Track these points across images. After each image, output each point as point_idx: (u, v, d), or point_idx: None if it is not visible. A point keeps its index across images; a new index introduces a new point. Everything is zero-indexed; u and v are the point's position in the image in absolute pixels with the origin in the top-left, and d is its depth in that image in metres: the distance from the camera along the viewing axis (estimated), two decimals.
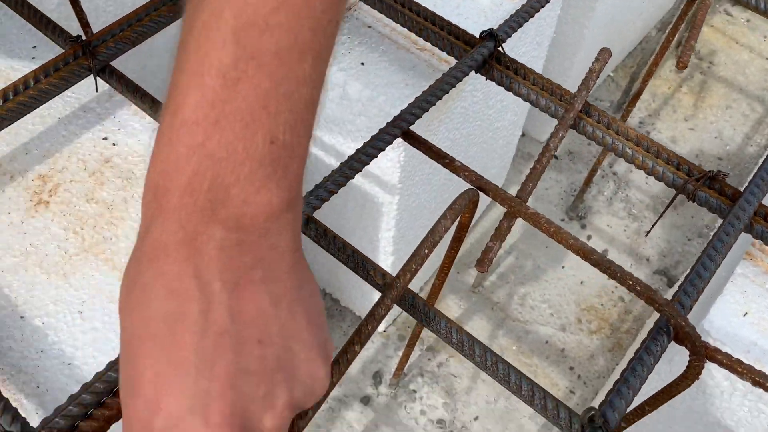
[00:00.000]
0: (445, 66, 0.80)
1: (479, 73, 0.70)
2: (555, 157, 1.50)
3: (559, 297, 1.36)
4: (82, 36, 0.67)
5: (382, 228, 0.96)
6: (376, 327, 0.49)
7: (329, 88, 0.81)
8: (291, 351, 0.33)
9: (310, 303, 0.35)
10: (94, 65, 0.66)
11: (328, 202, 0.58)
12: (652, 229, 1.44)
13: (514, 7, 0.77)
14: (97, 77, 0.67)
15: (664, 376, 0.69)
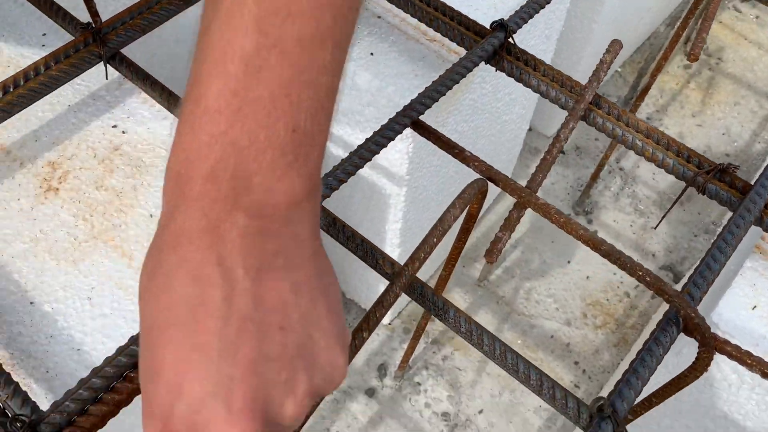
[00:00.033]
0: (454, 57, 0.79)
1: (489, 64, 0.70)
2: (562, 152, 1.50)
3: (565, 292, 1.36)
4: (93, 24, 0.67)
5: (389, 220, 0.96)
6: (384, 314, 0.49)
7: None
8: (311, 338, 0.33)
9: (330, 292, 0.35)
10: (104, 52, 0.66)
11: (336, 191, 0.58)
12: (661, 222, 1.44)
13: None
14: (108, 64, 0.67)
15: (671, 369, 0.69)
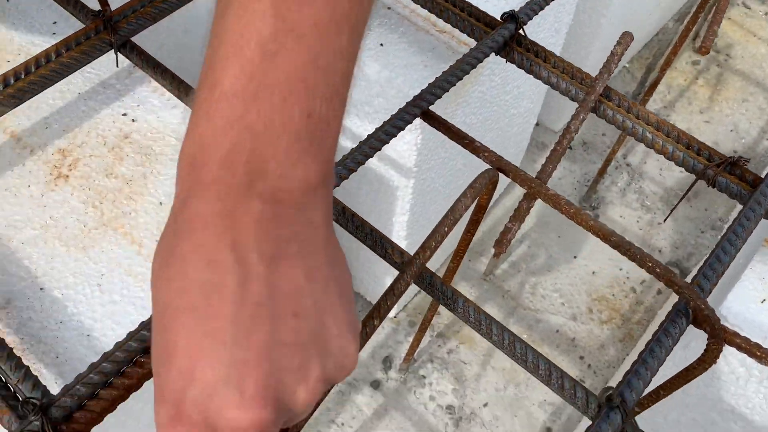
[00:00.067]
0: (464, 48, 0.79)
1: (500, 56, 0.70)
2: (569, 147, 1.49)
3: (571, 287, 1.36)
4: (103, 11, 0.67)
5: (396, 212, 0.96)
6: (395, 302, 0.49)
7: None
8: (324, 325, 0.33)
9: (342, 279, 0.35)
10: (115, 40, 0.66)
11: (344, 183, 0.58)
12: (669, 216, 1.43)
13: None
14: (118, 52, 0.67)
15: (678, 362, 0.69)
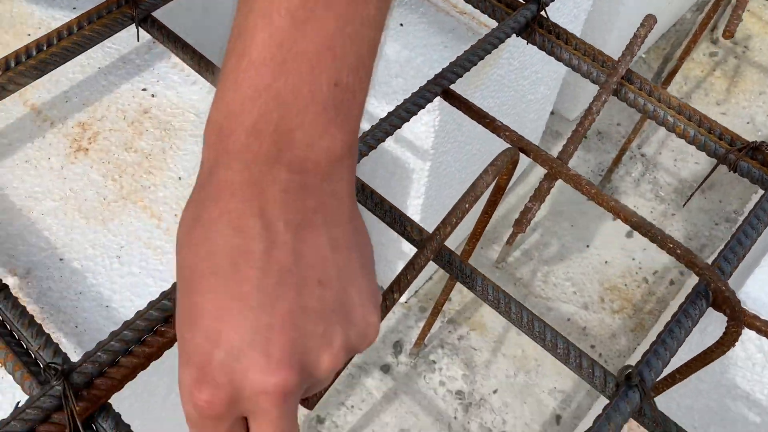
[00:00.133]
0: (484, 29, 0.79)
1: (521, 37, 0.70)
2: (584, 136, 1.49)
3: (583, 276, 1.35)
4: None
5: (411, 195, 0.96)
6: (415, 277, 0.49)
7: None
8: (347, 294, 0.33)
9: (365, 251, 0.36)
10: (136, 14, 0.66)
11: (359, 165, 0.58)
12: (689, 200, 1.42)
13: None
14: (139, 27, 0.67)
15: (694, 347, 0.69)
